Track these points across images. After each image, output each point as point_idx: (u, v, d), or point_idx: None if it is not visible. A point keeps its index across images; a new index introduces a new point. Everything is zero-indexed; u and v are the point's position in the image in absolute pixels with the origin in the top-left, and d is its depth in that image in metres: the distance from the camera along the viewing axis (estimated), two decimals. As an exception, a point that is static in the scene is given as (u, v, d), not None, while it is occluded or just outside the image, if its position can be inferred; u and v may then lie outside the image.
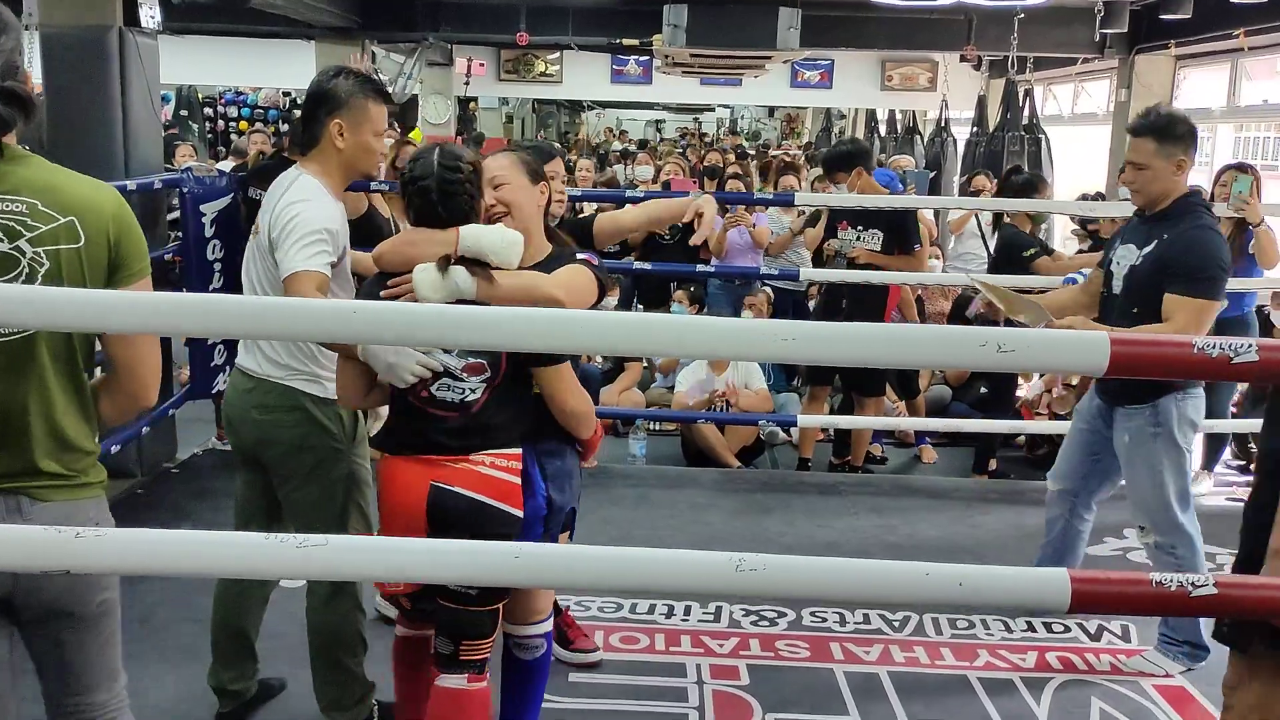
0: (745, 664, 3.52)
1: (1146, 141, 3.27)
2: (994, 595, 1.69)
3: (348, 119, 2.74)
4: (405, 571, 1.72)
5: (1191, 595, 1.55)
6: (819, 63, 13.83)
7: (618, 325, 1.75)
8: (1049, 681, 3.48)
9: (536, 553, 1.59)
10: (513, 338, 1.68)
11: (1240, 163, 5.53)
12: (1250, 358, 1.56)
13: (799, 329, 1.70)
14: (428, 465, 2.45)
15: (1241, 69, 8.56)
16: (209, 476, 5.18)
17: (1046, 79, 11.60)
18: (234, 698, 3.11)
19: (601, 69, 14.34)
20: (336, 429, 2.83)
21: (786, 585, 1.66)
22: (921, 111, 14.10)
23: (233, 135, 13.94)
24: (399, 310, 1.84)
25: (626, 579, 1.69)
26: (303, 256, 2.60)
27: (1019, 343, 1.62)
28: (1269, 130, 8.97)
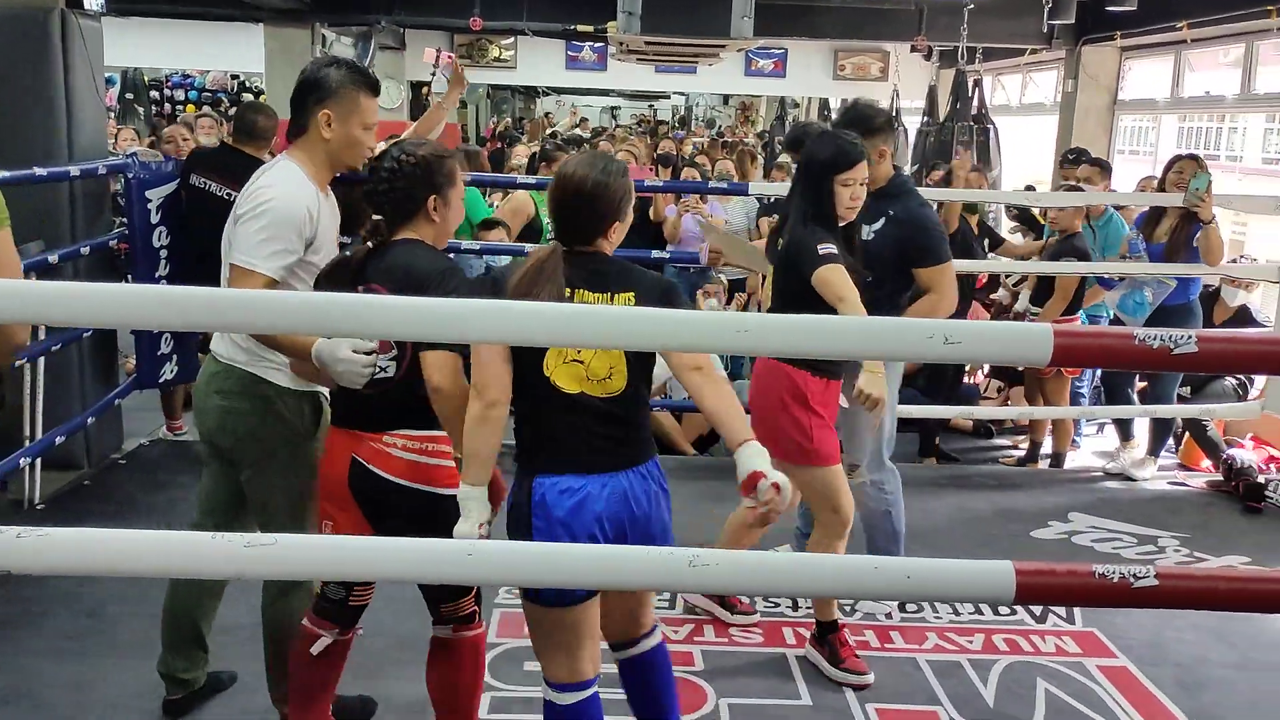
0: (699, 650, 3.56)
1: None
2: (941, 588, 1.72)
3: (336, 109, 2.72)
4: (355, 570, 1.71)
5: (1134, 586, 1.59)
6: (773, 52, 13.87)
7: (568, 316, 1.75)
8: (995, 663, 3.54)
9: (489, 550, 1.59)
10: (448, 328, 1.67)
11: (1193, 154, 5.63)
12: (1189, 349, 1.60)
13: (753, 321, 1.71)
14: (351, 439, 2.58)
15: (1185, 60, 8.71)
16: (158, 467, 5.11)
17: (995, 69, 11.72)
18: (182, 686, 3.10)
19: (556, 55, 14.27)
20: (295, 420, 2.79)
21: (739, 581, 1.68)
22: (873, 101, 14.19)
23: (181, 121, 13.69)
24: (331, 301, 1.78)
25: (583, 575, 1.70)
26: (262, 253, 2.61)
27: (965, 335, 1.65)
28: (1211, 120, 9.13)
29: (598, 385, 2.32)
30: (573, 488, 2.32)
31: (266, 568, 1.59)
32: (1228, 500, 5.21)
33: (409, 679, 3.29)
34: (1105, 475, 5.58)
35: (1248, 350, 1.64)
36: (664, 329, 1.75)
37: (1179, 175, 5.32)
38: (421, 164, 2.60)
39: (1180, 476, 5.62)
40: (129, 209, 4.87)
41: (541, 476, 2.34)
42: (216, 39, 12.92)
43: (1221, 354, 1.62)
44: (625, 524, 2.34)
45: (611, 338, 1.87)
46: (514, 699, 3.23)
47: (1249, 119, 8.45)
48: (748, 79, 14.37)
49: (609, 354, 2.29)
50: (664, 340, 1.86)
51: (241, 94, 16.96)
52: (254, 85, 16.63)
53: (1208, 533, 4.77)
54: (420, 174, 2.59)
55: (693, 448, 5.79)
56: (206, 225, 4.66)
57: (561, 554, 1.65)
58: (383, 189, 2.59)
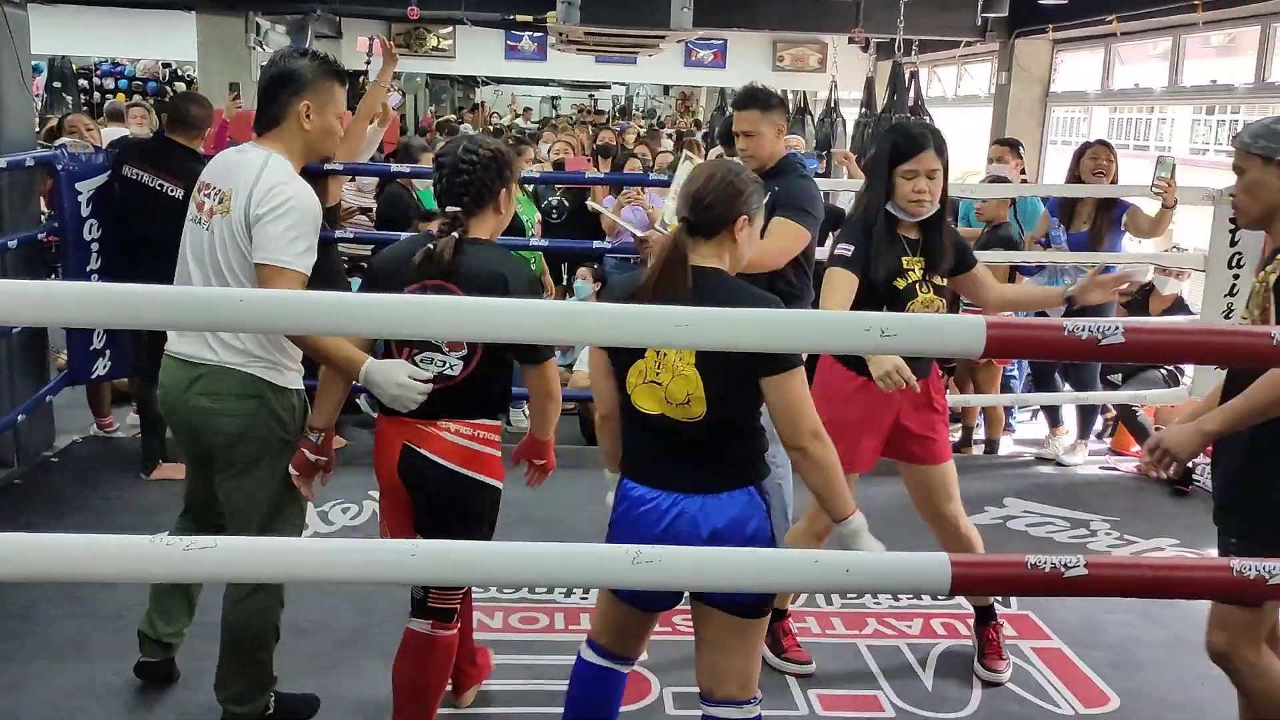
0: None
1: (752, 112, 3.62)
2: (879, 580, 1.75)
3: (315, 100, 2.75)
4: (296, 572, 1.70)
5: (1065, 576, 1.64)
6: (712, 42, 13.90)
7: (506, 311, 1.75)
8: (934, 647, 3.61)
9: (433, 550, 1.59)
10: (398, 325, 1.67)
11: (1103, 140, 5.74)
12: (1117, 339, 1.64)
13: (692, 315, 1.73)
14: (403, 426, 2.66)
15: (1114, 53, 8.90)
16: (91, 466, 5.02)
17: (931, 61, 11.87)
18: (160, 649, 3.09)
19: (496, 45, 14.17)
20: (289, 419, 2.79)
21: (681, 576, 1.70)
22: (812, 92, 14.29)
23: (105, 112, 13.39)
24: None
25: (525, 574, 1.71)
26: (294, 251, 2.64)
27: (901, 327, 1.68)
28: (1141, 112, 9.33)
29: (677, 409, 2.31)
30: (645, 497, 2.37)
31: (206, 570, 1.57)
32: (1156, 484, 5.35)
33: (356, 676, 3.28)
34: (1038, 461, 5.70)
35: (1173, 340, 1.69)
36: (605, 324, 1.76)
37: (1094, 161, 5.40)
38: (496, 157, 2.71)
39: (1111, 461, 5.76)
40: (59, 202, 4.76)
41: (626, 480, 2.43)
42: (147, 26, 12.63)
43: (1148, 344, 1.66)
44: (692, 541, 2.30)
45: (548, 331, 1.87)
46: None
47: (1177, 110, 8.65)
48: (688, 69, 14.39)
49: (686, 381, 2.27)
50: (607, 335, 1.87)
51: (173, 83, 16.62)
52: (186, 74, 16.31)
53: (1138, 516, 4.90)
54: (495, 167, 2.70)
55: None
56: (140, 218, 4.61)
57: (502, 552, 1.65)
58: (461, 180, 2.67)
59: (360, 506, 4.63)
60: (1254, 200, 2.57)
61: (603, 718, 2.60)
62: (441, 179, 2.70)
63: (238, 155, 2.79)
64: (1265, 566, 1.69)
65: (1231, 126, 8.07)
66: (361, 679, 3.28)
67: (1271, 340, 1.65)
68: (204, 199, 2.77)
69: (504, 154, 2.73)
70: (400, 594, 3.74)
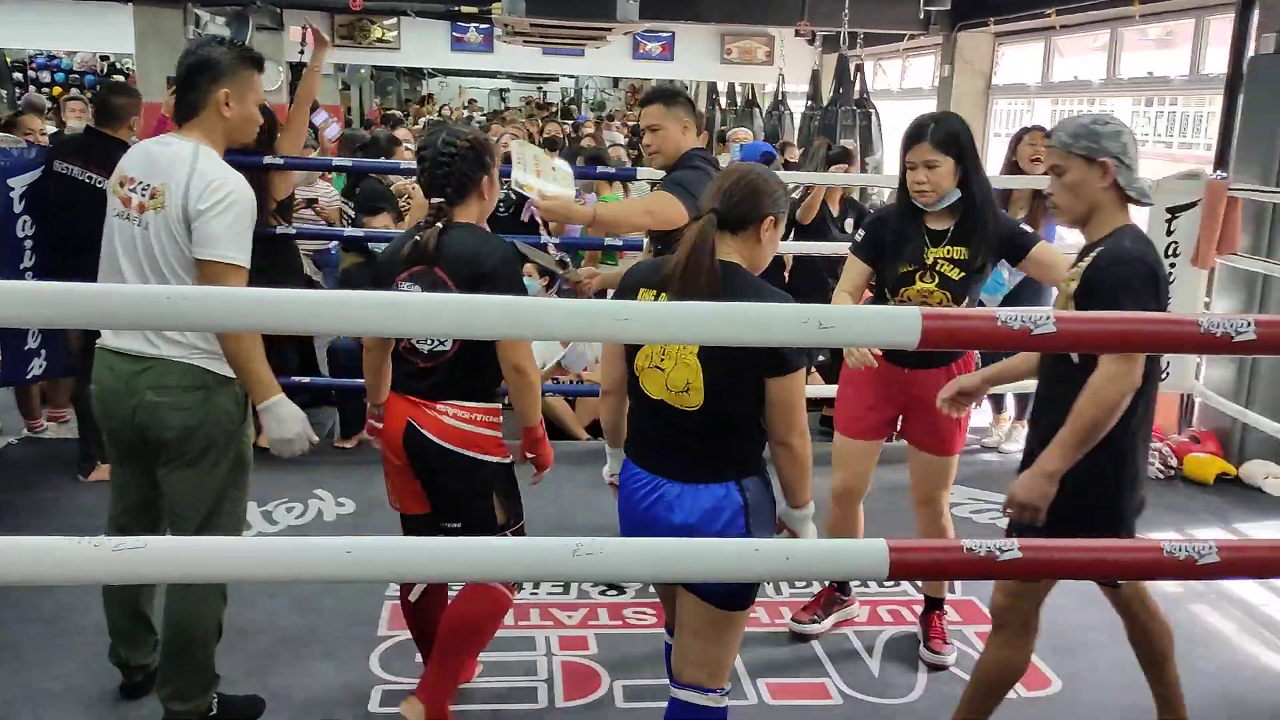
0: (594, 634, 3.58)
1: (656, 107, 3.67)
2: (819, 567, 1.77)
3: (234, 88, 2.75)
4: (229, 571, 1.68)
5: (999, 559, 1.66)
6: (660, 35, 13.91)
7: (451, 307, 1.74)
8: (880, 634, 3.65)
9: (370, 547, 1.57)
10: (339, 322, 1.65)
11: (1038, 125, 5.81)
12: (1048, 329, 1.67)
13: (634, 309, 1.73)
14: (408, 404, 2.84)
15: (1054, 46, 9.02)
16: (27, 468, 4.92)
17: (876, 54, 11.96)
18: (139, 671, 3.08)
19: (441, 36, 14.05)
20: (235, 409, 2.81)
21: (624, 567, 1.70)
22: (760, 85, 14.35)
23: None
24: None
25: (466, 569, 1.70)
26: (238, 245, 2.65)
27: (838, 319, 1.69)
28: (1082, 104, 9.47)
29: (676, 397, 2.36)
30: (636, 476, 2.47)
31: (137, 571, 1.55)
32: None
33: (300, 676, 3.25)
34: (982, 449, 5.78)
35: (1102, 329, 1.71)
36: (547, 318, 1.75)
37: (1031, 147, 5.43)
38: (475, 145, 2.83)
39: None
40: (-10, 197, 4.65)
41: (627, 458, 2.53)
42: (84, 18, 12.37)
43: (1078, 333, 1.69)
44: (670, 530, 2.36)
45: (496, 327, 1.86)
46: (407, 691, 3.20)
47: (1117, 102, 8.79)
48: (636, 62, 14.38)
49: (687, 369, 2.32)
50: (549, 329, 1.86)
51: (111, 75, 16.31)
52: (124, 66, 16.01)
53: (1079, 501, 4.98)
54: (474, 155, 2.82)
55: (586, 433, 5.80)
56: (73, 213, 4.52)
57: (440, 548, 1.64)
58: (443, 171, 2.79)
59: (305, 506, 4.58)
60: (1077, 200, 2.56)
61: None
62: (424, 171, 2.81)
63: (160, 147, 2.75)
64: (1194, 547, 1.72)
65: (1169, 118, 8.23)
66: (306, 679, 3.25)
67: (1198, 329, 1.69)
68: (130, 194, 2.71)
69: (483, 142, 2.86)
70: (345, 594, 3.72)
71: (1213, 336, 1.64)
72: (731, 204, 2.39)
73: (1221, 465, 5.31)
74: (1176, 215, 5.19)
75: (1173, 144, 8.23)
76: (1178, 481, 5.30)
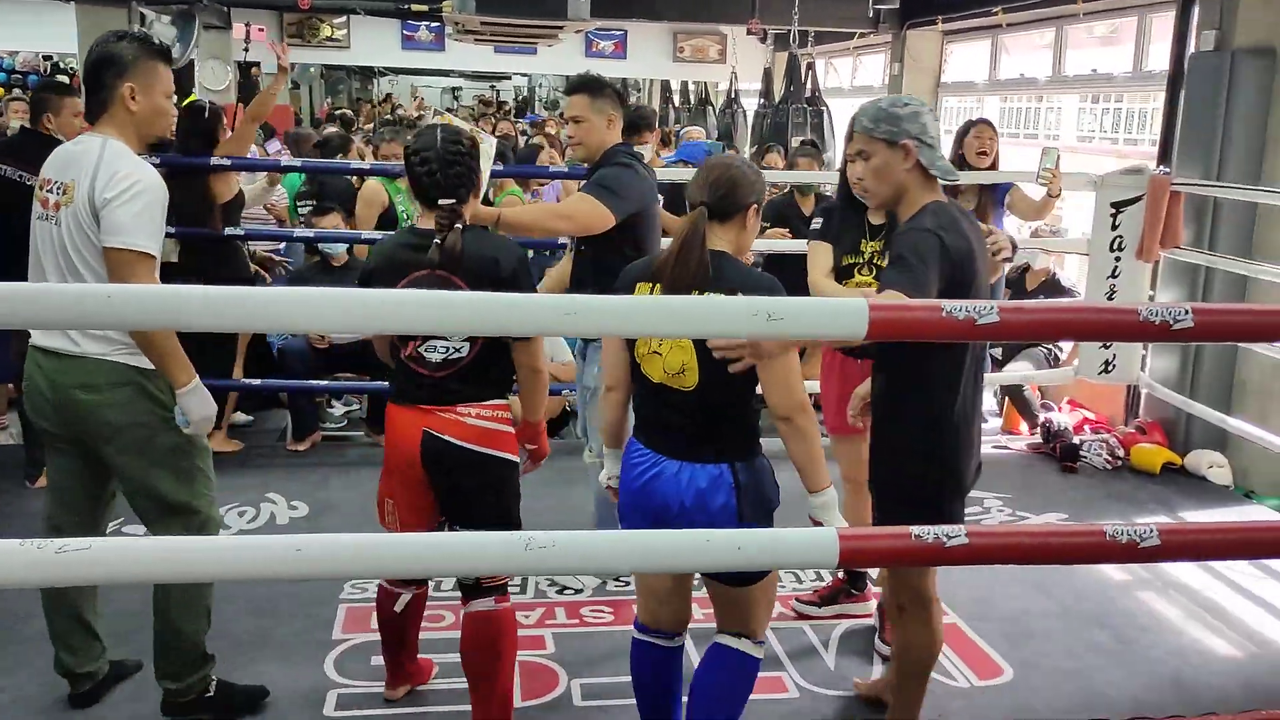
0: (551, 633, 3.58)
1: (581, 98, 3.61)
2: (771, 556, 1.78)
3: (139, 81, 2.72)
4: (178, 571, 1.66)
5: (946, 546, 1.69)
6: (613, 33, 13.90)
7: (410, 304, 1.73)
8: (835, 627, 3.68)
9: (319, 544, 1.57)
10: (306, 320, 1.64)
11: (984, 119, 5.88)
12: (992, 319, 1.70)
13: (580, 303, 1.73)
14: (421, 414, 2.75)
15: (1001, 44, 9.14)
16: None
17: (827, 53, 12.04)
18: (86, 679, 3.04)
19: (392, 35, 13.94)
20: (166, 397, 2.78)
21: (576, 560, 1.71)
22: (713, 83, 14.40)
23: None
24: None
25: (417, 564, 1.69)
26: (146, 233, 2.63)
27: (787, 311, 1.71)
28: (1030, 101, 9.59)
29: (674, 379, 2.49)
30: (639, 454, 2.58)
31: (80, 572, 1.53)
32: (1046, 461, 5.53)
33: (256, 679, 3.21)
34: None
35: (1044, 319, 1.75)
36: (495, 313, 1.75)
37: (978, 140, 5.42)
38: (474, 143, 2.81)
39: (1002, 440, 5.94)
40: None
41: (632, 439, 2.64)
42: (26, 17, 12.14)
43: (1021, 323, 1.72)
44: (665, 508, 2.50)
45: (443, 322, 1.86)
46: (361, 694, 3.18)
47: (1064, 99, 8.91)
48: (589, 60, 14.33)
49: (682, 351, 2.45)
50: (496, 324, 1.86)
51: (54, 75, 16.00)
52: (68, 66, 15.73)
53: (1029, 493, 5.06)
54: (475, 154, 2.79)
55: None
56: (11, 214, 4.42)
57: (389, 544, 1.64)
58: (455, 171, 2.72)
59: (258, 510, 4.53)
60: (882, 183, 2.59)
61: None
62: (431, 173, 2.71)
63: (73, 147, 2.78)
64: (1136, 531, 1.76)
65: (1115, 114, 8.35)
66: (261, 681, 3.22)
67: (1138, 317, 1.72)
68: (48, 195, 2.72)
69: (476, 139, 2.86)
70: (300, 597, 3.69)
71: (1152, 324, 1.68)
72: (718, 196, 2.50)
73: (1167, 455, 5.41)
74: (1121, 210, 5.28)
75: (1118, 140, 8.34)
76: (1125, 471, 5.40)
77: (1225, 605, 3.98)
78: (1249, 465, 5.30)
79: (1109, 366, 5.35)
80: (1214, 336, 1.75)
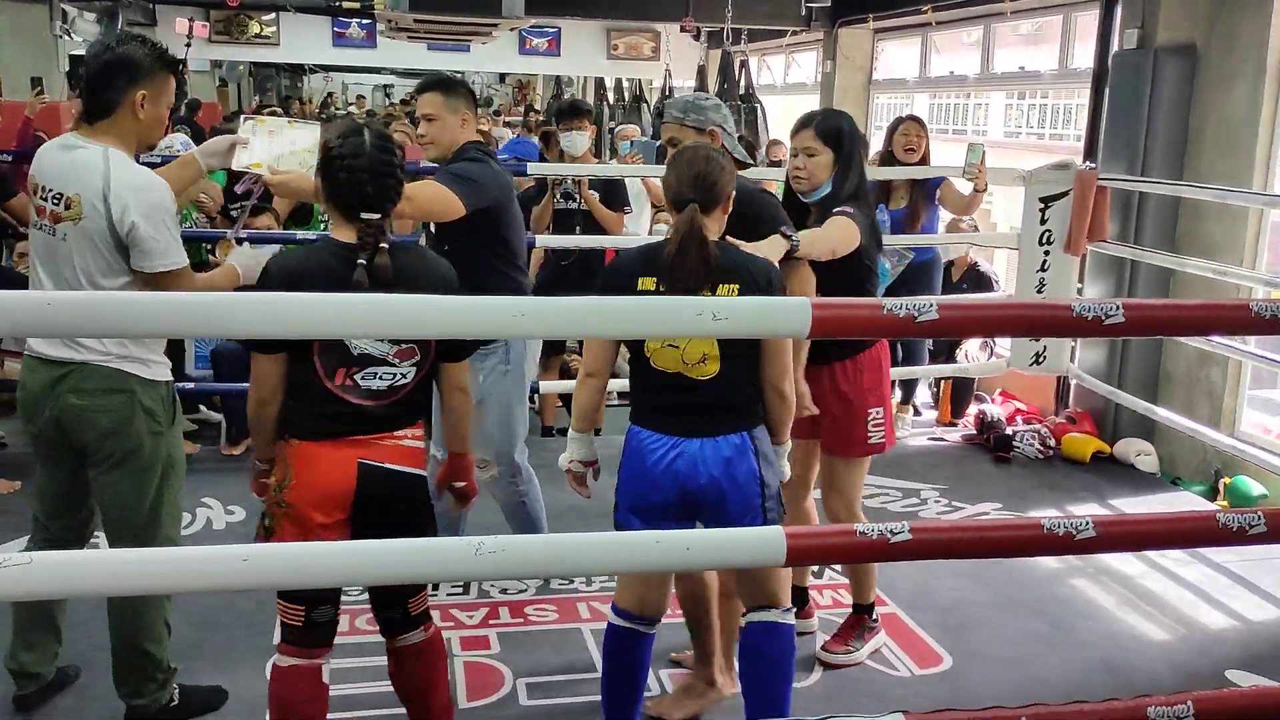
0: (495, 633, 3.56)
1: (434, 95, 3.59)
2: (718, 556, 1.80)
3: (151, 89, 2.69)
4: (117, 585, 1.62)
5: (891, 542, 1.72)
6: (546, 30, 13.86)
7: (354, 307, 1.72)
8: (780, 622, 3.71)
9: (267, 554, 1.55)
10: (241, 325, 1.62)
11: (914, 115, 5.99)
12: (932, 316, 1.73)
13: (528, 305, 1.74)
14: (352, 445, 2.46)
15: (931, 43, 9.28)
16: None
17: (760, 50, 12.13)
18: (33, 680, 2.99)
19: (322, 31, 13.75)
20: (160, 411, 2.77)
21: (525, 564, 1.71)
22: (647, 80, 14.42)
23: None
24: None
25: (364, 572, 1.68)
26: (178, 248, 2.69)
27: (731, 311, 1.73)
28: (959, 98, 9.75)
29: (693, 368, 2.62)
30: (652, 440, 2.68)
31: (19, 588, 1.49)
32: (980, 452, 5.64)
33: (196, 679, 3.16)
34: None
35: (981, 315, 1.78)
36: (448, 316, 1.75)
37: (905, 137, 5.58)
38: (403, 150, 2.53)
39: (938, 432, 6.04)
40: None
41: (634, 426, 2.73)
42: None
43: (959, 320, 1.76)
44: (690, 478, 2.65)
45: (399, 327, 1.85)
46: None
47: (992, 96, 9.07)
48: (523, 57, 14.30)
49: (703, 343, 2.58)
50: (449, 327, 1.86)
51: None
52: (-15, 63, 15.27)
53: (964, 483, 5.15)
54: (403, 161, 2.51)
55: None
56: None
57: (340, 552, 1.62)
58: (387, 184, 2.44)
59: (194, 515, 4.45)
60: None
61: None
62: (359, 184, 2.40)
63: (66, 152, 2.70)
64: (1072, 523, 1.80)
65: (1041, 110, 8.51)
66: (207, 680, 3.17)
67: (1071, 313, 1.77)
68: (42, 202, 2.68)
69: (404, 145, 2.59)
70: (238, 605, 3.63)
71: (1085, 320, 1.73)
72: (706, 189, 2.62)
73: (1097, 444, 5.54)
74: (1049, 205, 5.39)
75: (1045, 135, 8.51)
76: (1057, 460, 5.52)
77: (1156, 591, 4.09)
78: (1175, 453, 5.45)
79: (1039, 358, 5.46)
80: (1144, 330, 1.80)
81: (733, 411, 2.68)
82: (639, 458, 2.71)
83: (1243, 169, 5.09)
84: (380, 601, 2.65)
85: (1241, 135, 5.10)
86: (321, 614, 2.55)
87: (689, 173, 2.63)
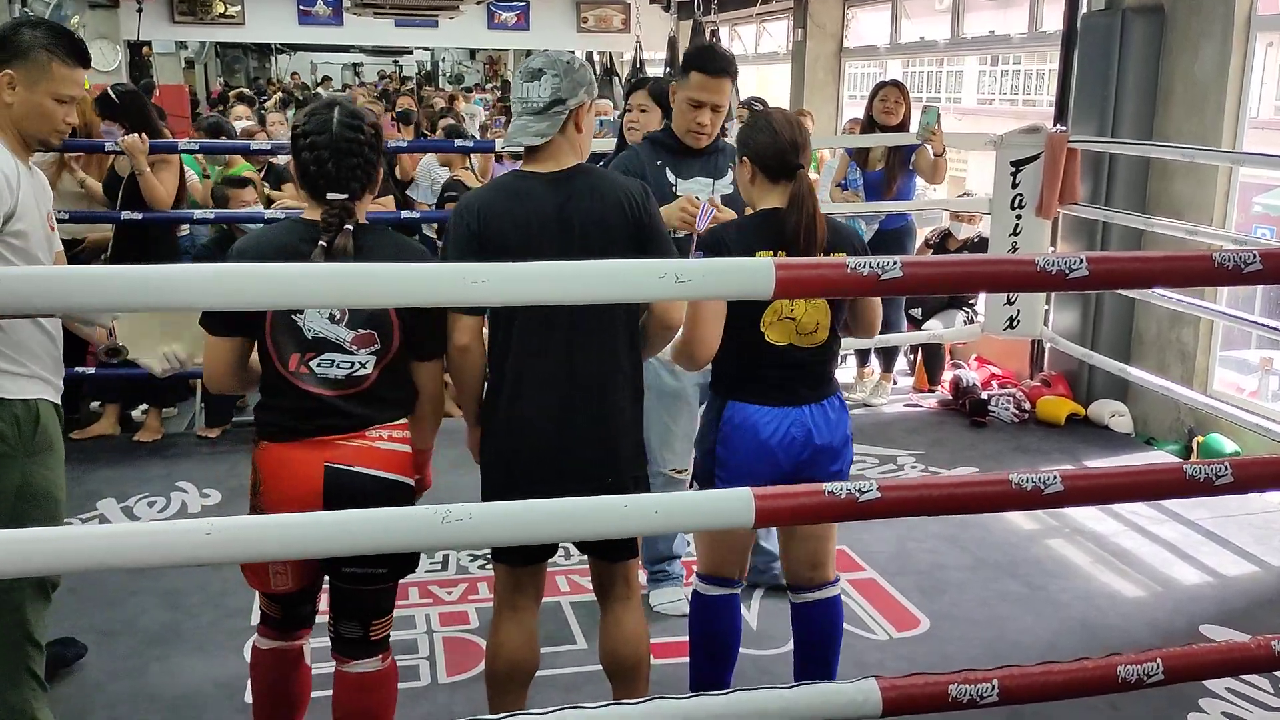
0: (474, 608, 3.56)
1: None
2: (687, 519, 1.80)
3: (22, 73, 2.50)
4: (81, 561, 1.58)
5: (860, 500, 1.71)
6: (515, 4, 13.74)
7: (305, 276, 1.69)
8: (756, 591, 3.72)
9: (230, 526, 1.53)
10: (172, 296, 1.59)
11: (896, 80, 5.98)
12: (896, 274, 1.72)
13: (489, 271, 1.71)
14: (319, 447, 2.32)
15: (902, 9, 9.25)
16: None
17: (731, 20, 12.06)
18: None
19: (288, 9, 13.56)
20: (10, 432, 2.45)
21: (492, 532, 1.69)
22: (618, 53, 14.33)
23: None
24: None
25: (331, 543, 1.66)
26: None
27: (694, 273, 1.71)
28: (932, 65, 9.75)
29: (805, 339, 2.65)
30: (760, 413, 2.67)
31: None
32: (956, 417, 5.66)
33: (171, 675, 3.16)
34: (850, 404, 5.93)
35: (945, 273, 1.77)
36: (401, 285, 1.72)
37: (883, 103, 5.63)
38: (377, 130, 2.39)
39: (915, 399, 6.06)
40: None
41: (734, 401, 2.70)
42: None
43: (923, 277, 1.75)
44: (805, 445, 2.68)
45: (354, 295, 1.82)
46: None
47: (965, 63, 9.07)
48: (491, 32, 14.16)
49: (817, 310, 2.62)
50: (402, 295, 1.83)
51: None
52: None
53: (941, 448, 5.18)
54: (377, 142, 2.38)
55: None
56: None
57: (307, 523, 1.61)
58: (353, 162, 2.32)
59: (168, 499, 4.42)
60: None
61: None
62: (321, 161, 2.30)
63: None
64: (1040, 478, 1.81)
65: (1014, 76, 8.53)
66: (176, 677, 3.15)
67: (1035, 267, 1.76)
68: None
69: (379, 124, 2.43)
70: (212, 588, 3.61)
71: (1049, 274, 1.72)
72: (803, 152, 2.63)
73: (1071, 406, 5.57)
74: (1020, 168, 5.40)
75: (1018, 101, 8.54)
76: (1032, 424, 5.55)
77: (1129, 549, 4.12)
78: (1148, 413, 5.49)
79: (1013, 322, 5.47)
80: (1108, 283, 1.80)
81: (830, 374, 2.77)
82: (751, 432, 2.67)
83: (1211, 129, 5.10)
84: (342, 611, 2.47)
85: (1209, 95, 5.11)
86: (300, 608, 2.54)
87: (789, 137, 2.60)
